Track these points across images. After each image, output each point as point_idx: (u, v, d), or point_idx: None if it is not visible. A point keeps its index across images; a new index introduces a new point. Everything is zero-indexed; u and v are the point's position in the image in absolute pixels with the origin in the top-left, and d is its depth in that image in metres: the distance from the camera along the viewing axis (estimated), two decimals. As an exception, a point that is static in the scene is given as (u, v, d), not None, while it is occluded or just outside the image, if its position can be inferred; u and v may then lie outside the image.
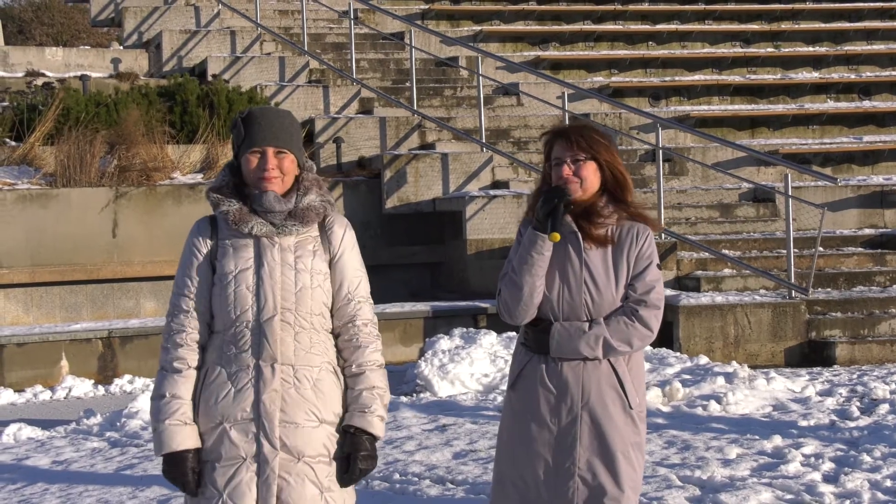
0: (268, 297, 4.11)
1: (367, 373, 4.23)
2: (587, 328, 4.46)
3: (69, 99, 16.06)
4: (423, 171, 15.83)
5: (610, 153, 4.54)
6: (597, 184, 4.54)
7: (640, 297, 4.50)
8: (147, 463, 8.56)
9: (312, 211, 4.21)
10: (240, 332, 4.12)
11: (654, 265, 4.55)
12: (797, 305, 12.89)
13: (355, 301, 4.26)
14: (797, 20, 23.31)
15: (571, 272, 4.50)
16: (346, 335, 4.25)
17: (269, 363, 4.10)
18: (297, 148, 4.23)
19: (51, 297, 14.39)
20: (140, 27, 20.34)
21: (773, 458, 8.14)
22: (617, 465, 4.46)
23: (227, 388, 4.11)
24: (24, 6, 43.36)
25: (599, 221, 4.51)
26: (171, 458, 4.12)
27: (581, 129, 4.56)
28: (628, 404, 4.50)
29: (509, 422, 4.62)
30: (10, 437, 9.72)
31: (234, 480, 4.06)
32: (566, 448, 4.47)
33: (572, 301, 4.48)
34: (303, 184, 4.24)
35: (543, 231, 4.42)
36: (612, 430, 4.47)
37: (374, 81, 18.79)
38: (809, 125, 20.15)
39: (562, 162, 4.51)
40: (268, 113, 4.23)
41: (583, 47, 21.85)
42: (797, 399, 10.33)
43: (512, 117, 18.16)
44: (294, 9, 21.10)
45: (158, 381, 4.19)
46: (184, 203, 14.90)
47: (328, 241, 4.25)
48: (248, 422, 4.08)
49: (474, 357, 11.48)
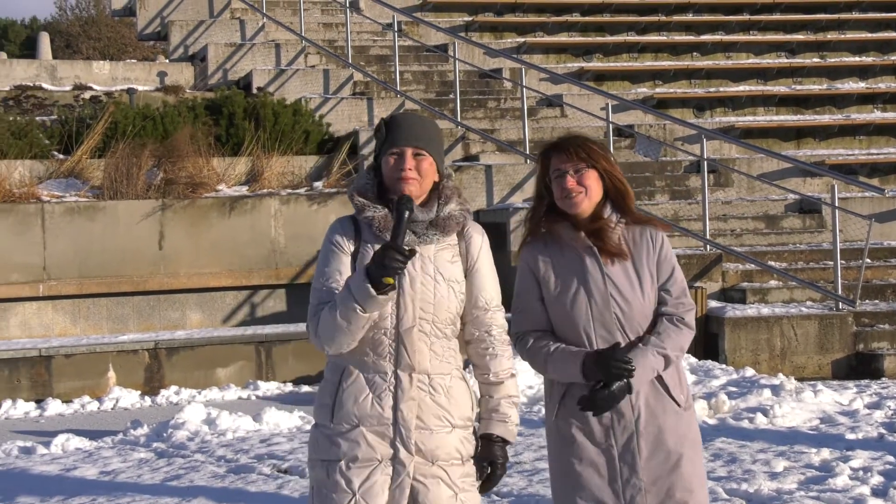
0: (407, 307, 4.14)
1: (506, 382, 4.31)
2: (642, 345, 4.43)
3: (117, 112, 16.19)
4: (467, 183, 15.84)
5: (608, 161, 4.52)
6: (600, 192, 4.51)
7: (678, 300, 4.52)
8: (193, 474, 8.60)
9: (453, 220, 4.22)
10: (378, 339, 4.15)
11: (677, 266, 4.58)
12: (844, 317, 12.80)
13: (491, 311, 4.29)
14: (843, 30, 23.17)
15: (596, 288, 4.46)
16: (483, 344, 4.30)
17: (408, 372, 4.14)
18: (437, 152, 4.23)
19: (98, 309, 14.50)
20: (186, 41, 20.48)
21: (820, 471, 8.08)
22: (680, 468, 4.46)
23: (366, 393, 4.15)
24: (72, 21, 43.77)
25: (610, 234, 4.49)
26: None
27: (577, 140, 4.54)
28: (676, 403, 4.51)
29: (559, 451, 4.56)
30: (59, 448, 9.79)
31: (368, 482, 4.12)
32: (628, 464, 4.46)
33: (602, 316, 4.46)
34: (444, 192, 4.24)
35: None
36: (668, 435, 4.47)
37: (417, 93, 18.83)
38: (856, 135, 20.00)
39: (564, 173, 4.47)
40: (409, 117, 4.27)
41: (627, 58, 21.81)
42: (845, 412, 10.25)
43: (556, 129, 18.13)
44: (338, 21, 21.18)
45: (322, 314, 4.14)
46: (229, 215, 14.98)
47: (466, 250, 4.27)
48: (386, 427, 4.13)
49: (519, 369, 11.45)
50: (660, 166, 17.03)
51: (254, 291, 15.09)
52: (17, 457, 9.57)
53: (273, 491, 8.03)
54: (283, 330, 13.42)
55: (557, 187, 4.49)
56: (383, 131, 4.22)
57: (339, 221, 4.27)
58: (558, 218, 4.53)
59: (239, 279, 14.93)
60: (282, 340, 13.07)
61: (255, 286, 15.06)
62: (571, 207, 4.48)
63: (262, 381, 12.71)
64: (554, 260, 4.53)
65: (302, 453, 9.09)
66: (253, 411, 10.73)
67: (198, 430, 10.14)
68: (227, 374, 12.87)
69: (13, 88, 18.61)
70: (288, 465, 8.77)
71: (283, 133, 16.39)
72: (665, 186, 16.54)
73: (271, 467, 8.74)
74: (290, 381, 12.87)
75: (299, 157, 16.41)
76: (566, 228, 4.51)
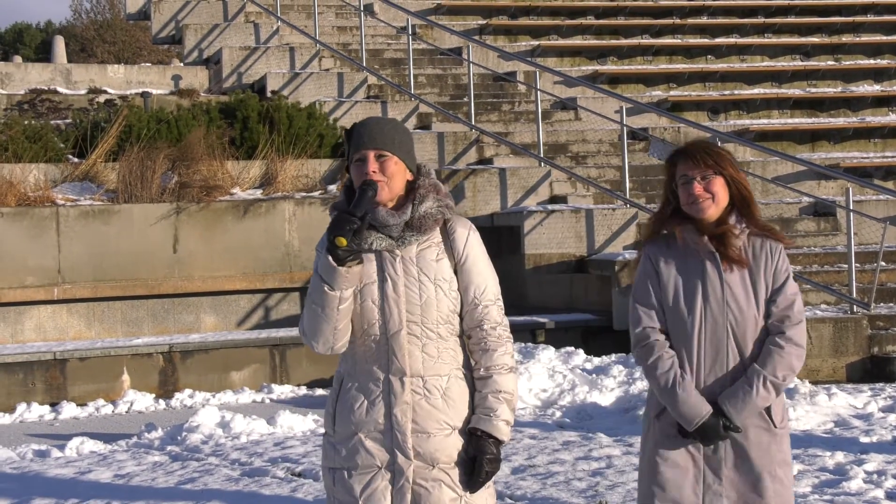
0: (392, 312, 4.14)
1: (495, 376, 4.22)
2: (747, 385, 4.46)
3: (131, 116, 16.22)
4: (481, 186, 15.84)
5: (735, 168, 4.56)
6: (726, 199, 4.55)
7: (784, 312, 4.52)
8: (207, 477, 8.62)
9: (430, 218, 4.18)
10: (368, 346, 4.17)
11: (791, 279, 4.58)
12: (859, 320, 12.76)
13: (482, 305, 4.25)
14: (858, 33, 23.12)
15: (713, 293, 4.51)
16: (475, 339, 4.27)
17: (399, 376, 4.15)
18: (401, 151, 4.19)
19: (112, 312, 14.53)
20: (200, 44, 20.53)
21: (834, 474, 8.07)
22: (763, 484, 4.50)
23: (361, 400, 4.17)
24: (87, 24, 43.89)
25: (733, 242, 4.51)
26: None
27: (704, 146, 4.57)
28: (773, 423, 4.54)
29: (653, 449, 4.63)
30: (73, 451, 9.81)
31: (369, 488, 4.14)
32: (714, 470, 4.51)
33: (715, 322, 4.50)
34: (418, 191, 4.20)
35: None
36: (758, 450, 4.52)
37: (431, 97, 18.84)
38: (871, 138, 19.96)
39: (691, 180, 4.51)
40: (369, 121, 4.24)
41: (641, 61, 21.80)
42: (859, 415, 10.23)
43: (570, 132, 18.14)
44: (352, 25, 21.20)
45: (305, 309, 4.24)
46: (243, 218, 15.00)
47: (452, 245, 4.23)
48: (382, 433, 4.14)
49: (532, 372, 11.47)
50: (674, 169, 16.95)
51: (268, 295, 15.11)
52: (32, 460, 9.59)
53: (287, 494, 8.04)
54: (297, 333, 13.36)
55: (684, 193, 4.54)
56: (346, 141, 4.22)
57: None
58: (683, 221, 4.57)
59: (253, 282, 14.95)
60: (296, 344, 13.09)
61: (270, 289, 15.08)
62: (698, 213, 4.53)
63: (276, 385, 12.73)
64: (675, 261, 4.58)
65: (315, 456, 9.11)
66: (267, 414, 10.75)
67: (212, 434, 10.16)
68: (241, 378, 12.89)
69: (28, 92, 18.67)
70: (302, 469, 8.78)
71: (297, 136, 16.41)
72: (679, 189, 16.48)
73: (285, 470, 8.75)
74: (305, 385, 12.88)
75: (313, 160, 16.42)
76: (690, 232, 4.55)
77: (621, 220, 14.98)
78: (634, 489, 7.81)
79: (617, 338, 13.36)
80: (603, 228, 14.90)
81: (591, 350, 12.71)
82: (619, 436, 9.71)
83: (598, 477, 8.24)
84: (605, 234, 14.89)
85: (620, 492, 7.77)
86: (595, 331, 13.66)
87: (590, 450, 9.16)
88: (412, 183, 4.24)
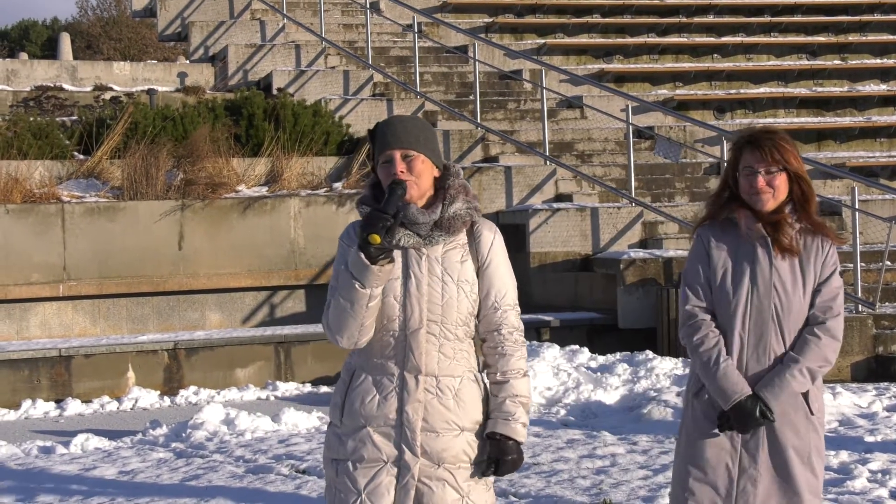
0: (414, 310, 4.14)
1: (512, 381, 4.23)
2: (784, 372, 4.52)
3: (137, 113, 16.24)
4: (487, 184, 15.84)
5: (798, 161, 4.59)
6: (786, 193, 4.59)
7: (827, 304, 4.59)
8: (212, 474, 8.62)
9: (459, 220, 4.18)
10: (386, 341, 4.16)
11: (837, 273, 4.63)
12: (864, 320, 12.75)
13: (502, 310, 4.24)
14: (865, 32, 23.09)
15: (761, 276, 4.57)
16: (492, 343, 4.26)
17: (414, 374, 4.15)
18: (428, 149, 4.18)
19: (118, 309, 14.54)
20: (206, 41, 20.53)
21: (839, 473, 8.06)
22: (795, 470, 4.55)
23: (372, 394, 4.17)
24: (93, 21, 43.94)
25: (786, 231, 4.56)
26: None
27: (772, 138, 4.59)
28: (810, 410, 4.58)
29: (691, 427, 4.70)
30: (78, 448, 9.83)
31: (374, 482, 4.14)
32: (750, 453, 4.56)
33: (760, 305, 4.56)
34: (449, 192, 4.19)
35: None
36: (795, 436, 4.56)
37: (437, 94, 18.83)
38: (877, 138, 19.95)
39: (756, 172, 4.55)
40: (393, 120, 4.23)
41: (647, 60, 21.78)
42: (864, 414, 10.22)
43: (576, 130, 18.13)
44: (358, 23, 21.20)
45: (331, 303, 4.17)
46: (248, 216, 15.01)
47: (477, 248, 4.23)
48: (391, 428, 4.15)
49: (537, 370, 11.47)
50: (680, 168, 16.99)
51: (273, 292, 15.12)
52: (37, 456, 9.61)
53: (291, 491, 8.05)
54: (302, 330, 13.44)
55: (746, 183, 4.58)
56: (371, 141, 4.22)
57: (353, 226, 4.26)
58: (740, 206, 4.62)
59: (258, 280, 14.96)
60: (301, 341, 13.10)
61: (275, 287, 15.09)
62: (757, 204, 4.57)
63: (280, 382, 12.74)
64: (727, 245, 4.65)
65: (320, 454, 9.11)
66: (272, 412, 10.76)
67: (216, 431, 10.17)
68: (245, 375, 12.89)
69: (34, 89, 18.69)
70: (306, 466, 8.79)
71: (302, 134, 16.42)
72: (685, 188, 16.50)
73: (290, 467, 8.76)
74: (309, 382, 12.89)
75: (319, 157, 16.43)
76: (746, 217, 4.60)
77: (626, 219, 14.97)
78: (638, 487, 7.82)
79: (622, 336, 13.36)
80: (608, 227, 14.90)
81: (595, 348, 12.70)
82: (623, 434, 9.71)
83: (602, 475, 8.24)
84: (610, 232, 14.88)
85: (624, 490, 7.77)
86: (600, 329, 13.66)
87: (594, 448, 9.17)
88: (440, 181, 4.23)
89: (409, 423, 4.13)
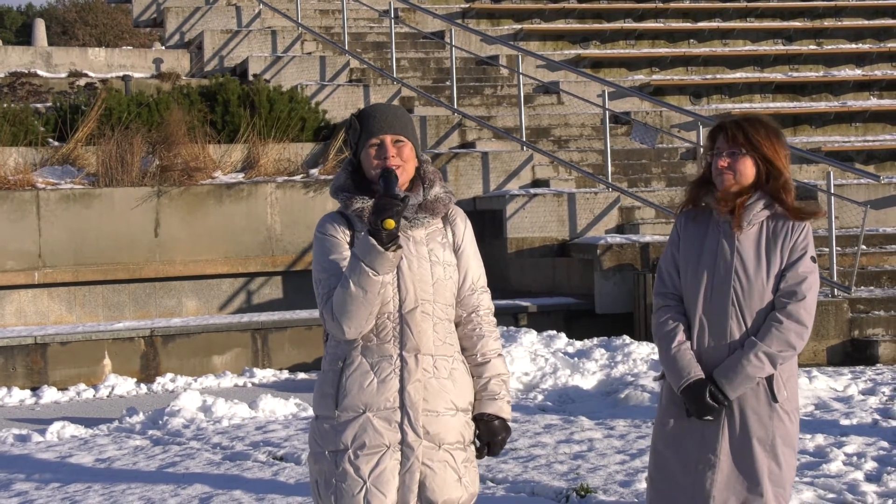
0: (409, 290, 4.16)
1: (493, 361, 4.31)
2: (740, 356, 4.52)
3: (111, 99, 16.16)
4: (464, 170, 15.83)
5: (773, 150, 4.58)
6: (751, 177, 4.59)
7: (791, 288, 4.54)
8: (189, 461, 8.61)
9: (440, 202, 4.26)
10: (382, 323, 4.16)
11: (808, 257, 4.58)
12: (839, 304, 12.81)
13: (478, 292, 4.33)
14: (840, 17, 23.15)
15: (722, 260, 4.59)
16: (470, 325, 4.32)
17: (413, 353, 4.16)
18: (414, 138, 4.26)
19: (94, 297, 14.50)
20: (182, 27, 20.45)
21: (815, 457, 8.09)
22: (757, 458, 4.54)
23: (370, 378, 4.16)
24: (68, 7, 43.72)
25: (743, 211, 4.57)
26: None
27: (743, 124, 4.61)
28: (773, 398, 4.55)
29: (660, 410, 4.78)
30: (54, 436, 9.79)
31: (378, 468, 4.12)
32: (710, 439, 4.58)
33: (721, 289, 4.57)
34: (427, 176, 4.28)
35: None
36: (756, 422, 4.55)
37: (414, 80, 18.81)
38: (852, 123, 20.01)
39: (720, 153, 4.60)
40: (381, 107, 4.29)
41: (624, 45, 21.79)
42: (839, 398, 10.26)
43: (552, 116, 18.13)
44: (335, 8, 21.15)
45: (335, 295, 4.12)
46: (225, 202, 14.97)
47: (452, 232, 4.31)
48: (392, 411, 4.14)
49: (514, 356, 11.47)
50: (656, 153, 17.02)
51: (250, 279, 15.10)
52: (13, 444, 9.57)
53: (269, 478, 8.04)
54: (279, 317, 13.42)
55: (713, 164, 4.63)
56: (357, 126, 4.23)
57: (329, 216, 4.27)
58: (710, 189, 4.67)
59: (235, 266, 14.93)
60: (278, 328, 13.08)
61: (252, 273, 15.06)
62: (719, 185, 4.61)
63: (258, 369, 12.72)
64: (698, 230, 4.68)
65: (298, 440, 9.10)
66: (249, 398, 10.74)
67: (193, 418, 10.14)
68: (223, 362, 12.87)
69: (8, 75, 18.59)
70: (284, 452, 8.77)
71: (279, 120, 16.37)
72: (661, 173, 16.54)
73: (267, 454, 8.74)
74: (287, 369, 12.88)
75: (295, 144, 16.39)
76: (709, 197, 4.66)
77: (603, 204, 14.99)
78: (615, 472, 7.84)
79: (599, 321, 13.38)
80: (585, 212, 14.91)
81: (573, 334, 12.72)
82: (600, 419, 9.73)
83: (580, 460, 8.25)
84: (587, 217, 14.90)
85: (601, 475, 7.78)
86: (577, 314, 13.68)
87: (571, 433, 9.18)
88: (417, 169, 4.29)
89: (411, 404, 4.13)
